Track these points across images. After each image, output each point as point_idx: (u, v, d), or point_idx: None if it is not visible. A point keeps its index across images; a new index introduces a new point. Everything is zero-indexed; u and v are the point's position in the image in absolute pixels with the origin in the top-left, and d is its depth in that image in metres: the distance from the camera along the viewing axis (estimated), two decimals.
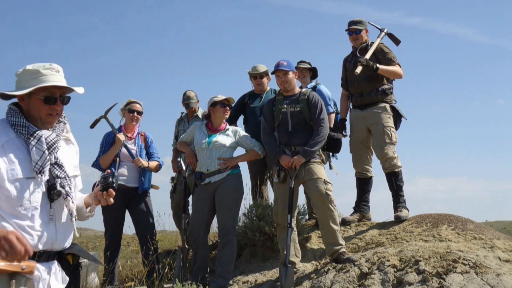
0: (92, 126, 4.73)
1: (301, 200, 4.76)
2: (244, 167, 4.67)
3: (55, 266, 1.96)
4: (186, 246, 4.48)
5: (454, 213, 4.71)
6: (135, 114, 4.66)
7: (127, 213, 4.62)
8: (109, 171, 2.05)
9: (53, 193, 1.90)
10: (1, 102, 1.95)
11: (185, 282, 4.06)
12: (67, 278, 2.01)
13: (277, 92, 4.45)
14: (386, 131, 4.72)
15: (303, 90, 4.27)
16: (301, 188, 4.25)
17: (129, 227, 4.76)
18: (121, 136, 4.49)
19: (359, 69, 4.64)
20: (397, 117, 4.91)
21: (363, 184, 5.02)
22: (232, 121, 4.86)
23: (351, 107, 5.09)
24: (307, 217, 5.13)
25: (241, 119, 5.13)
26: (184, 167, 4.85)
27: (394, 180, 4.72)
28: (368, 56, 4.72)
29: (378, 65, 4.70)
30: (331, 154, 4.84)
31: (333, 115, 5.13)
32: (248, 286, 4.23)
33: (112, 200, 2.02)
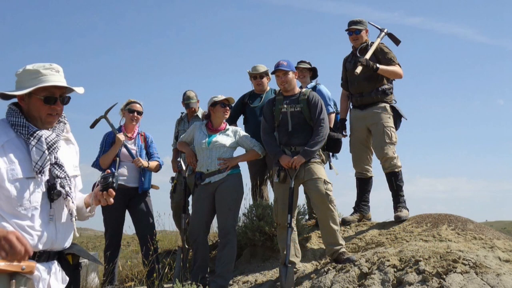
0: (92, 126, 4.73)
1: (301, 200, 4.76)
2: (244, 167, 4.68)
3: (55, 266, 1.96)
4: (186, 246, 4.48)
5: (454, 213, 4.72)
6: (135, 114, 4.66)
7: (127, 213, 4.62)
8: (109, 171, 2.05)
9: (53, 193, 1.90)
10: (1, 102, 1.95)
11: (185, 282, 4.06)
12: (67, 278, 2.01)
13: (277, 92, 4.45)
14: (386, 131, 4.72)
15: (303, 90, 4.27)
16: (301, 188, 4.25)
17: (129, 227, 4.76)
18: (121, 136, 4.49)
19: (359, 69, 4.64)
20: (397, 117, 4.91)
21: (363, 184, 5.02)
22: (232, 121, 4.86)
23: (351, 107, 5.09)
24: (307, 217, 5.13)
25: (241, 119, 5.13)
26: (184, 167, 4.85)
27: (394, 180, 4.72)
28: (368, 56, 4.72)
29: (378, 65, 4.70)
30: (331, 154, 4.84)
31: (333, 115, 5.13)
32: (248, 286, 4.23)
33: (112, 200, 2.02)
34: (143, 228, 4.57)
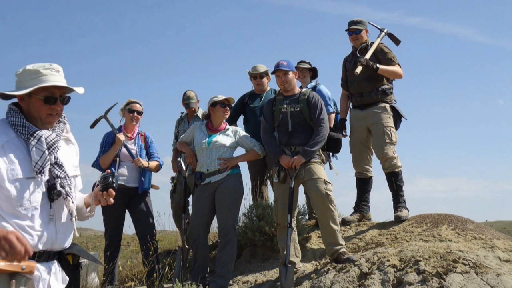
0: (92, 126, 4.73)
1: (301, 200, 4.76)
2: (244, 167, 4.68)
3: (55, 266, 1.96)
4: (186, 246, 4.48)
5: (454, 213, 4.72)
6: (135, 114, 4.66)
7: (127, 213, 4.62)
8: (109, 171, 2.05)
9: (53, 193, 1.90)
10: (1, 102, 1.95)
11: (185, 282, 4.06)
12: (67, 278, 2.01)
13: (277, 92, 4.45)
14: (386, 131, 4.72)
15: (303, 90, 4.27)
16: (301, 188, 4.25)
17: (129, 227, 4.76)
18: (121, 136, 4.49)
19: (359, 69, 4.64)
20: (397, 117, 4.91)
21: (363, 184, 5.02)
22: (232, 121, 4.86)
23: (351, 107, 5.09)
24: (307, 217, 5.13)
25: (241, 119, 5.13)
26: (184, 167, 4.85)
27: (394, 180, 4.72)
28: (368, 56, 4.72)
29: (378, 65, 4.70)
30: (331, 154, 4.84)
31: (333, 115, 5.13)
32: (248, 286, 4.23)
33: (112, 200, 2.02)
34: (143, 228, 4.57)
